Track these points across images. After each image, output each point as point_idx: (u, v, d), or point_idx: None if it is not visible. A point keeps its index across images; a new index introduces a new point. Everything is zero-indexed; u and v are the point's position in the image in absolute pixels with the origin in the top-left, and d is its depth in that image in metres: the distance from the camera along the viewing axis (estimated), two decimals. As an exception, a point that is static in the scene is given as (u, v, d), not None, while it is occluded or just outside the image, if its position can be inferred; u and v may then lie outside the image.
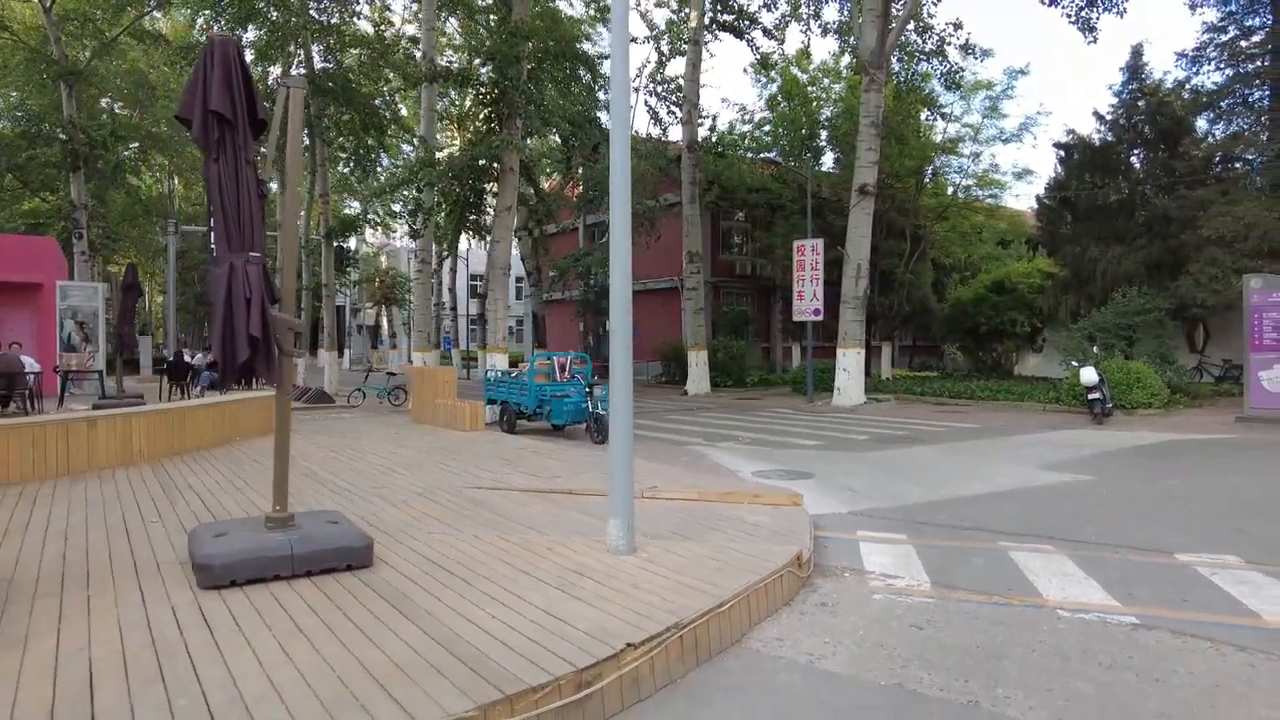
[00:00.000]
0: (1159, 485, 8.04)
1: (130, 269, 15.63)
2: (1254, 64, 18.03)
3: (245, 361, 4.16)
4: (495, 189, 14.86)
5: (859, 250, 17.64)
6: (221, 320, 4.13)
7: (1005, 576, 4.88)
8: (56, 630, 3.41)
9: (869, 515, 6.62)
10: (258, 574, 4.03)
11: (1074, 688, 3.30)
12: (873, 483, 8.13)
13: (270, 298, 4.29)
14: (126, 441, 8.25)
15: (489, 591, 3.91)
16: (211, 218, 4.24)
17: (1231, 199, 16.89)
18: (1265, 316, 13.51)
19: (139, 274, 17.36)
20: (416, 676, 2.90)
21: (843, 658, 3.64)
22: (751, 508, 6.01)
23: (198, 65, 4.23)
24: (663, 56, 25.02)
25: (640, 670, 3.18)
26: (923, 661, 3.58)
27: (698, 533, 5.16)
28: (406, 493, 6.58)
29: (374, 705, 2.68)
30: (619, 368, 4.77)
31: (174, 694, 2.78)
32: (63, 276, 21.40)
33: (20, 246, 19.40)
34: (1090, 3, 19.02)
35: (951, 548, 5.55)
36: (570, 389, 12.21)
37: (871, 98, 17.57)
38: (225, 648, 3.21)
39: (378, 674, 2.93)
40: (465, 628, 3.40)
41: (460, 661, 3.04)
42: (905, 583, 4.77)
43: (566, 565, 4.35)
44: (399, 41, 23.17)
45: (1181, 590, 4.57)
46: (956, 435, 12.28)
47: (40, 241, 21.30)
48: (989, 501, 7.20)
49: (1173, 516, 6.52)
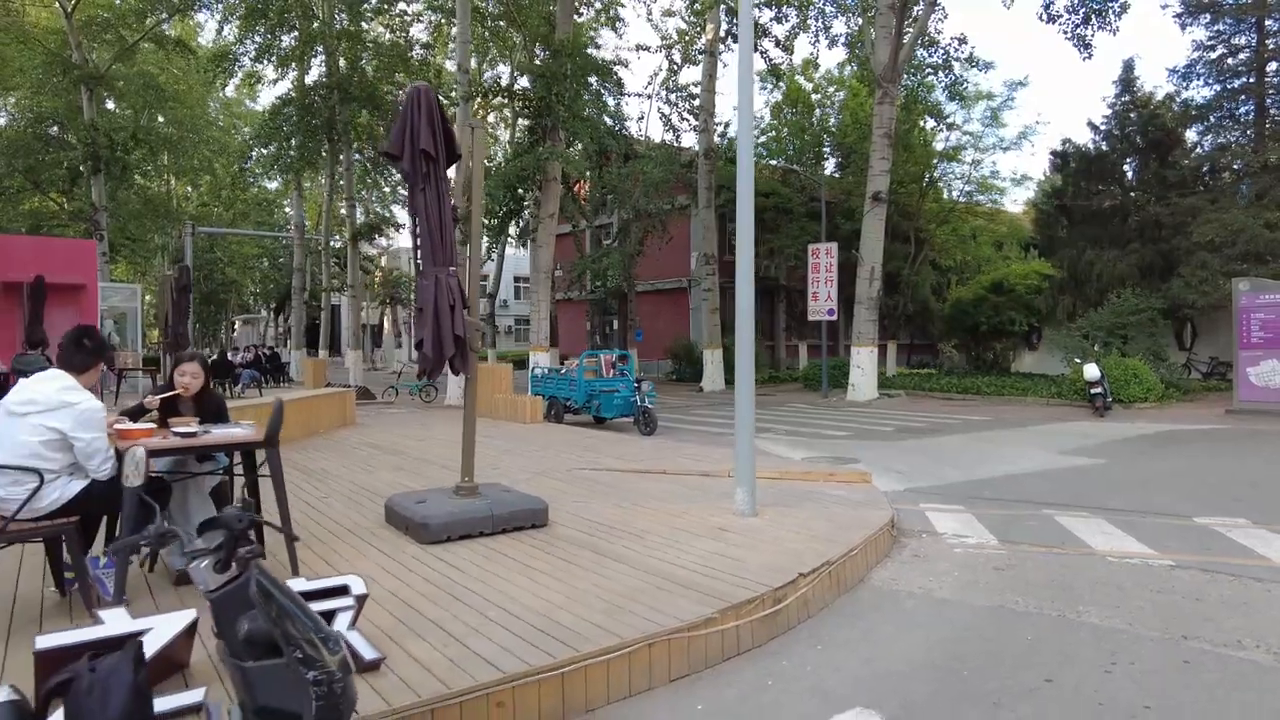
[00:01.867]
0: (1165, 467, 9.11)
1: (184, 270, 16.37)
2: (1241, 80, 19.25)
3: (449, 356, 5.07)
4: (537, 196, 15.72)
5: (872, 254, 18.67)
6: (432, 322, 5.03)
7: (1057, 534, 5.88)
8: (335, 572, 4.31)
9: (922, 492, 7.60)
10: (466, 531, 4.94)
11: (1134, 605, 4.29)
12: (914, 466, 9.12)
13: (463, 304, 5.20)
14: None
15: (660, 543, 4.85)
16: (418, 238, 5.15)
17: (1220, 207, 18.10)
18: (1253, 317, 14.67)
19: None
20: (654, 595, 3.84)
21: (948, 590, 4.61)
22: (829, 484, 6.98)
23: (405, 108, 5.13)
24: (674, 65, 26.00)
25: (807, 594, 4.13)
26: (1011, 590, 4.56)
27: (796, 502, 6.12)
28: (524, 473, 7.50)
29: (642, 610, 3.61)
30: (743, 363, 5.70)
31: (481, 609, 3.69)
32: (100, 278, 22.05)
33: (67, 249, 19.99)
34: (1085, 21, 20.14)
35: (1004, 515, 6.55)
36: (619, 384, 13.13)
37: (884, 110, 18.60)
38: (487, 580, 4.12)
39: (623, 593, 3.86)
40: (663, 566, 4.34)
41: (680, 585, 3.98)
42: (975, 540, 5.75)
43: (708, 524, 5.29)
44: (409, 47, 24.04)
45: (1204, 543, 5.59)
46: (973, 427, 13.32)
47: (83, 244, 21.90)
48: (1021, 480, 8.21)
49: (1183, 490, 7.57)
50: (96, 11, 26.62)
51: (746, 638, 3.69)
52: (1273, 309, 14.53)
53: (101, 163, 26.17)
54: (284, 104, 23.23)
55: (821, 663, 3.59)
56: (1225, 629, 3.93)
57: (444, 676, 2.92)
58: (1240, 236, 16.93)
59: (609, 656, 3.19)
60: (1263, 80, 18.89)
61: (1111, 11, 19.51)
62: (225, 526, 1.99)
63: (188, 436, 3.89)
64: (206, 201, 43.77)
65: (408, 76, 25.22)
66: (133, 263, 38.02)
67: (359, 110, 22.81)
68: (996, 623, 4.08)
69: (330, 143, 23.76)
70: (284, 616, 1.94)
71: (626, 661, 3.24)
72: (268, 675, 1.90)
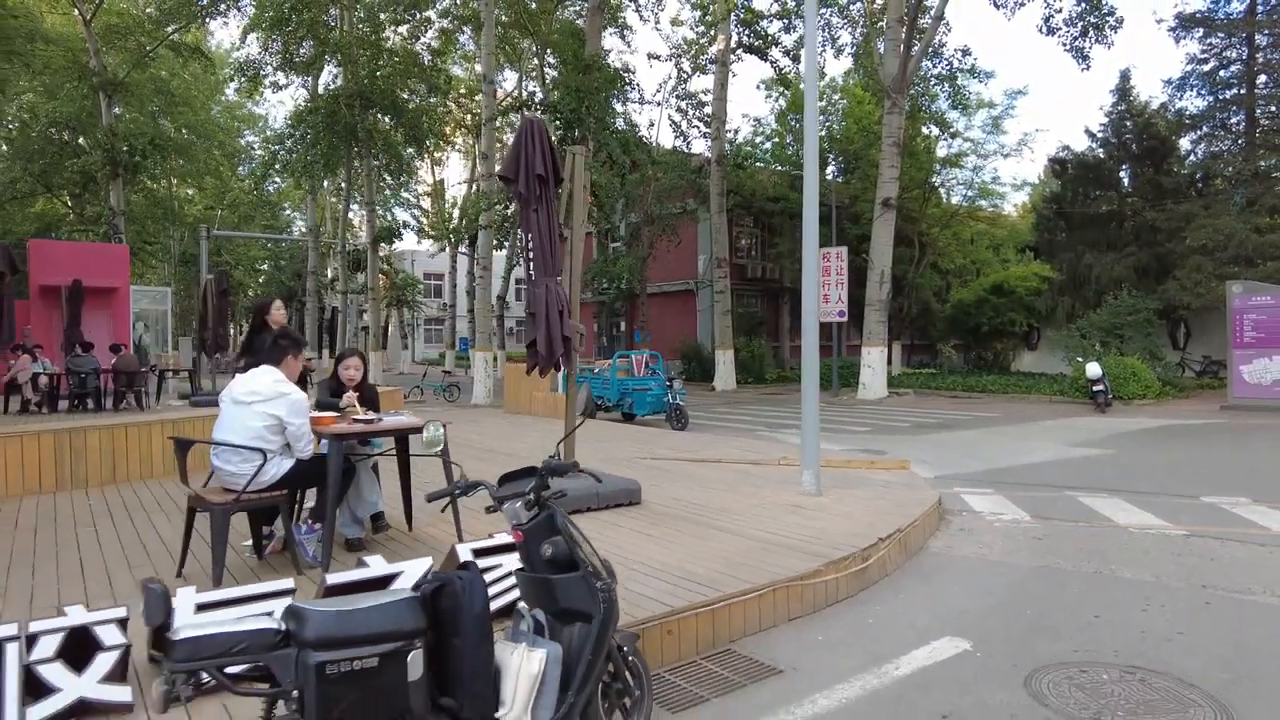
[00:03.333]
0: (1169, 456, 9.92)
1: (222, 275, 16.96)
2: (1232, 90, 20.18)
3: (559, 355, 5.79)
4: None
5: (882, 258, 19.48)
6: (544, 325, 5.75)
7: (1082, 511, 6.65)
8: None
9: (952, 478, 8.35)
10: (575, 506, 5.64)
11: (1158, 564, 5.05)
12: (938, 457, 9.89)
13: (567, 310, 5.92)
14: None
15: (748, 517, 5.57)
16: (531, 251, 5.87)
17: (1212, 213, 19.00)
18: (1246, 318, 15.55)
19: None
20: (763, 554, 4.56)
21: (998, 554, 5.36)
22: (872, 471, 7.73)
23: (519, 138, 5.84)
24: (684, 73, 26.75)
25: (885, 556, 4.87)
26: (1052, 555, 5.32)
27: (851, 485, 6.86)
28: (592, 460, 8.20)
29: (757, 565, 4.34)
30: (809, 368, 6.44)
31: (623, 563, 4.40)
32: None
33: (101, 253, 20.59)
34: (1083, 34, 21.04)
35: (1032, 496, 7.32)
36: (651, 383, 13.86)
37: (893, 120, 19.41)
38: (615, 544, 4.83)
39: (736, 553, 4.59)
40: (760, 534, 5.07)
41: (782, 547, 4.71)
42: (1011, 517, 6.51)
43: (782, 502, 6.02)
44: (421, 55, 24.66)
45: (1212, 517, 6.37)
46: (984, 423, 14.11)
47: (116, 249, 22.48)
48: (1040, 468, 8.99)
49: (1189, 475, 8.36)
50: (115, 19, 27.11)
51: (843, 588, 4.43)
52: (1264, 310, 15.41)
53: (120, 168, 26.67)
54: (308, 110, 23.84)
55: (907, 606, 4.33)
56: (1237, 580, 4.70)
57: (624, 610, 3.64)
58: (1231, 241, 17.82)
59: (745, 597, 3.92)
60: (1253, 92, 19.82)
61: (1108, 25, 20.43)
62: (537, 476, 2.72)
63: (371, 423, 4.60)
64: (212, 204, 44.15)
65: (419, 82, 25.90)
66: (149, 265, 38.39)
67: (379, 117, 23.43)
68: (1044, 578, 4.83)
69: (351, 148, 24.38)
70: (575, 543, 2.68)
71: (758, 602, 3.97)
72: (567, 585, 2.62)
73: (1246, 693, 3.21)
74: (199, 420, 8.03)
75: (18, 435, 6.64)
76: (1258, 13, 19.56)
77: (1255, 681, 3.32)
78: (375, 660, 2.17)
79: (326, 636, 2.11)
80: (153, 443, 7.49)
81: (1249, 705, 3.10)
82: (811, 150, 6.67)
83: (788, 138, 30.98)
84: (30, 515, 5.82)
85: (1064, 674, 3.40)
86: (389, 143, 25.60)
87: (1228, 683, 3.29)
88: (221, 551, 3.97)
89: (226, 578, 4.02)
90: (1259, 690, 3.24)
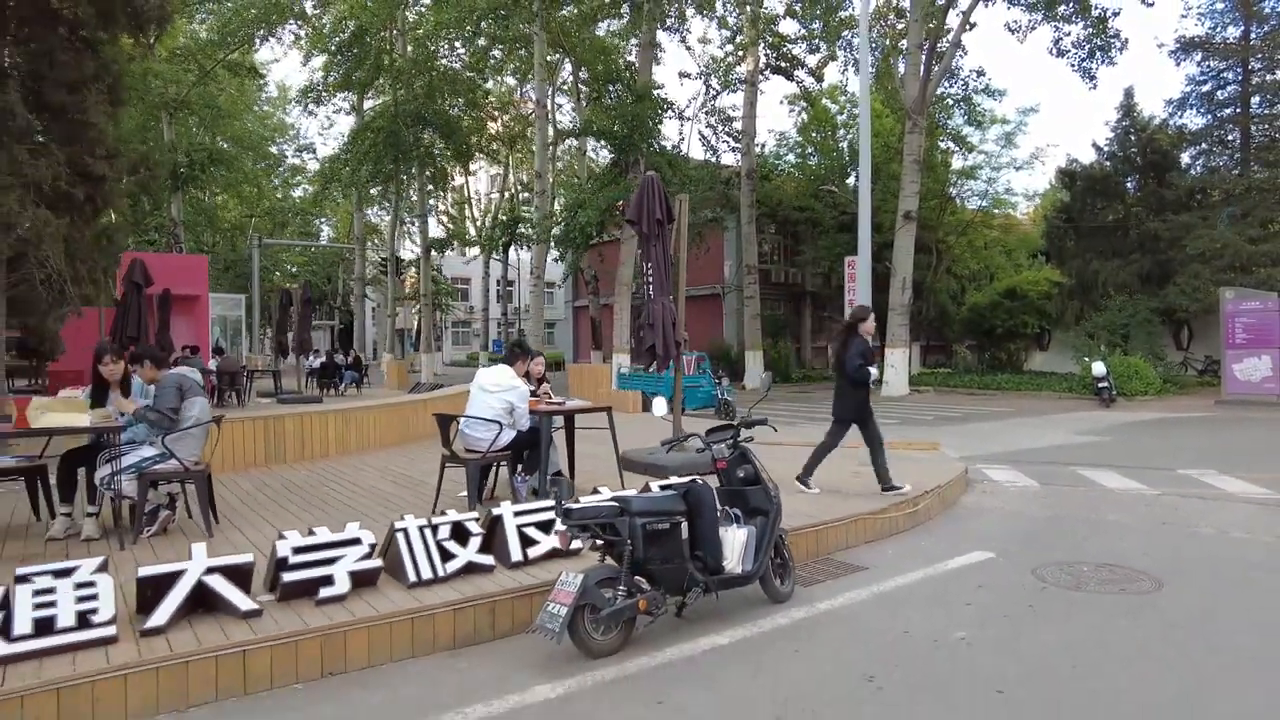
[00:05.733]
0: (1160, 442, 11.59)
1: (306, 285, 18.86)
2: (1228, 110, 21.75)
3: (671, 356, 7.56)
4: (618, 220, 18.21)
5: (904, 265, 21.17)
6: (661, 333, 7.52)
7: (1080, 480, 8.36)
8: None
9: (974, 458, 10.04)
10: (691, 473, 7.39)
11: (1135, 511, 6.77)
12: (961, 443, 11.58)
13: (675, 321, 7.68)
14: (375, 429, 10.15)
15: (824, 479, 7.30)
16: (650, 275, 7.63)
17: (1210, 224, 20.57)
18: (1237, 321, 17.15)
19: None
20: (843, 500, 6.31)
21: (1014, 507, 7.09)
22: (909, 451, 9.45)
23: (642, 190, 7.61)
24: (713, 91, 28.51)
25: (929, 505, 6.61)
26: (1058, 507, 7.03)
27: (895, 460, 8.51)
28: (678, 444, 9.95)
29: (840, 505, 6.08)
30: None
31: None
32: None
33: (185, 263, 22.59)
34: (1090, 55, 22.67)
35: (1040, 469, 9.02)
36: (701, 380, 15.63)
37: (914, 139, 21.10)
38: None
39: (827, 500, 6.33)
40: (837, 489, 6.80)
41: (856, 496, 6.46)
42: (1023, 484, 8.23)
43: (847, 471, 7.75)
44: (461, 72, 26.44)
45: (1183, 483, 8.07)
46: (999, 416, 15.79)
47: (197, 259, 24.49)
48: (1049, 451, 10.69)
49: (1172, 455, 10.04)
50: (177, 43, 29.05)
51: (901, 524, 6.17)
52: (1254, 314, 17.01)
53: (180, 181, 28.62)
54: (366, 128, 25.76)
55: (947, 535, 6.07)
56: (1188, 520, 6.42)
57: (759, 529, 5.39)
58: (1226, 250, 19.40)
59: (836, 524, 5.68)
60: (1247, 111, 21.39)
61: (1114, 47, 22.06)
62: (735, 428, 4.49)
63: (561, 404, 6.39)
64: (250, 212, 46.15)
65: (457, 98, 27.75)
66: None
67: (435, 135, 25.29)
68: (1052, 521, 6.56)
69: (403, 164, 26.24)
70: (759, 469, 4.45)
71: (845, 528, 5.72)
72: (755, 493, 4.39)
73: (1173, 575, 4.93)
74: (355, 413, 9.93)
75: (238, 421, 8.48)
76: (1252, 38, 21.13)
77: (1181, 572, 5.05)
78: (666, 524, 3.95)
79: (643, 510, 3.88)
80: (327, 428, 9.29)
81: (1172, 579, 4.83)
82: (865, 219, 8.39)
83: (808, 149, 32.72)
84: (255, 482, 7.63)
85: (1057, 567, 5.13)
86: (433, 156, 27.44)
87: (1164, 571, 5.02)
88: (474, 489, 5.76)
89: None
90: (1182, 574, 4.97)
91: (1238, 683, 3.44)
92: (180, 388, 5.19)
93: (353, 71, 25.39)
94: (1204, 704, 3.24)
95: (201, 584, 3.63)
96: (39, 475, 5.59)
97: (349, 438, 9.30)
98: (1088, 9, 21.30)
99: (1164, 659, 3.68)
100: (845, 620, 4.27)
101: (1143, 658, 3.69)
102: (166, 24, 12.68)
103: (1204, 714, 3.17)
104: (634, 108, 16.79)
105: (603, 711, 3.21)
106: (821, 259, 28.69)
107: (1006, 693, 3.32)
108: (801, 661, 3.70)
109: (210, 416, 5.47)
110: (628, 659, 3.67)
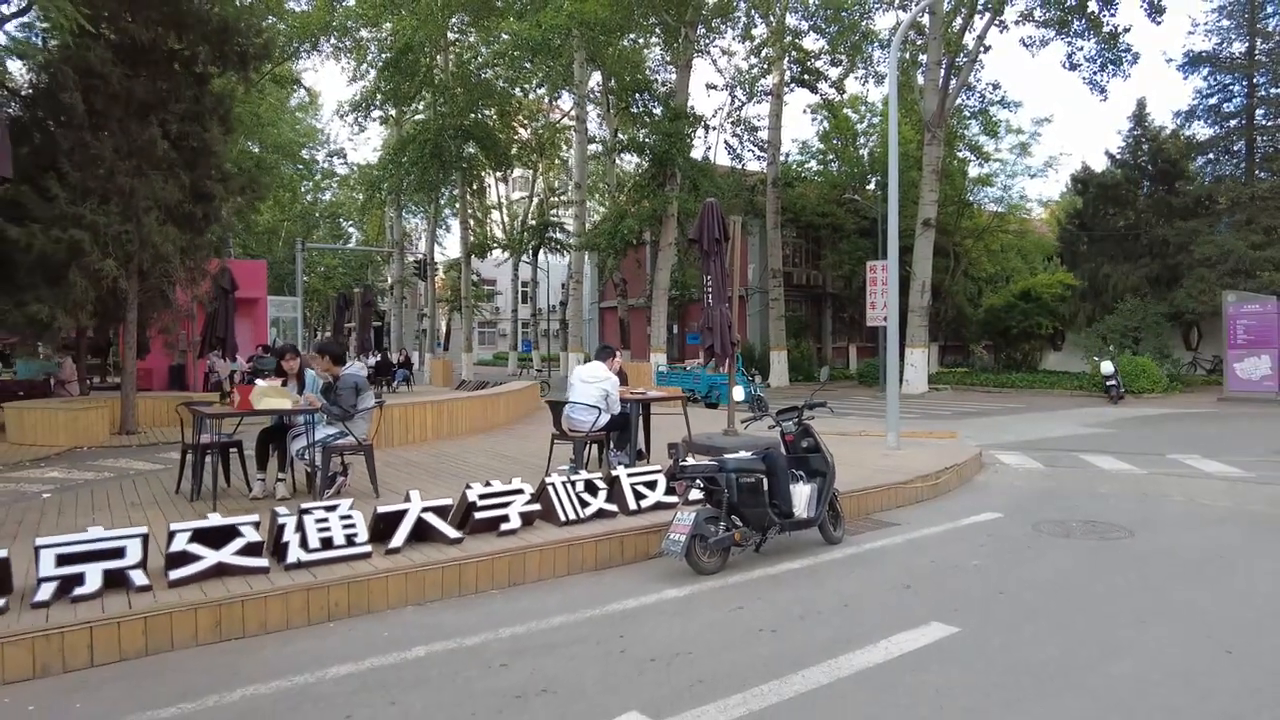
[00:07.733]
0: (1160, 434, 12.80)
1: (367, 289, 20.39)
2: (1234, 122, 22.79)
3: (729, 354, 8.92)
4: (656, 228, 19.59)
5: (923, 270, 22.39)
6: (720, 334, 8.88)
7: (1081, 464, 9.63)
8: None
9: (988, 445, 11.30)
10: (743, 453, 8.74)
11: (1123, 485, 8.05)
12: (977, 433, 12.84)
13: (731, 325, 9.03)
14: (463, 418, 11.71)
15: (857, 460, 8.63)
16: (710, 286, 8.99)
17: (1214, 230, 21.63)
18: (1238, 323, 18.25)
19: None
20: (879, 474, 7.63)
21: (1023, 484, 8.38)
22: (930, 439, 10.75)
23: (703, 215, 8.97)
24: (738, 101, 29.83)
25: (949, 480, 7.92)
26: (1058, 483, 8.32)
27: (918, 446, 9.88)
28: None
29: (878, 477, 7.41)
30: (892, 361, 9.48)
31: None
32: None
33: (247, 268, 24.20)
34: (1101, 69, 23.78)
35: (1047, 454, 10.29)
36: (739, 378, 16.90)
37: (933, 150, 22.31)
38: (781, 470, 7.91)
39: (864, 474, 7.65)
40: (871, 467, 8.13)
41: (887, 471, 7.78)
42: (1031, 466, 9.51)
43: (876, 454, 9.07)
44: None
45: (1168, 465, 9.33)
46: (1013, 411, 17.00)
47: (255, 264, 26.13)
48: (1056, 440, 11.93)
49: (1167, 444, 11.28)
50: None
51: (925, 494, 7.49)
52: (1254, 316, 18.10)
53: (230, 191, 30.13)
54: (411, 140, 27.28)
55: (964, 502, 7.39)
56: (1165, 492, 7.70)
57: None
58: (1230, 255, 20.47)
59: (874, 491, 7.02)
60: (1252, 123, 22.42)
61: (1124, 61, 23.17)
62: (801, 408, 5.85)
63: (643, 394, 7.76)
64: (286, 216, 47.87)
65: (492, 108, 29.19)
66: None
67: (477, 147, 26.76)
68: (1051, 492, 7.86)
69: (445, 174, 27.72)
70: (819, 441, 5.81)
71: (880, 495, 7.06)
72: (816, 459, 5.75)
73: (1144, 528, 6.24)
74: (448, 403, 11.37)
75: (403, 406, 9.96)
76: (1256, 54, 22.17)
77: (1151, 527, 6.34)
78: (754, 479, 5.31)
79: (735, 468, 5.24)
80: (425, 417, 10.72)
81: (1142, 530, 6.14)
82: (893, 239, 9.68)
83: (829, 156, 33.95)
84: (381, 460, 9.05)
85: (1053, 522, 6.45)
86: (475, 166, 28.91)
87: (1137, 525, 6.32)
88: (580, 458, 7.16)
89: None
90: (1152, 528, 6.27)
91: (1189, 585, 4.76)
92: (357, 387, 6.61)
93: (401, 85, 26.89)
94: (1164, 597, 4.56)
95: (420, 519, 5.03)
96: (237, 448, 7.05)
97: (443, 425, 10.76)
98: (1099, 25, 22.43)
99: (1130, 574, 5.00)
100: (885, 554, 5.62)
101: (1113, 573, 5.02)
102: (266, 60, 14.21)
103: (1164, 602, 4.48)
104: (671, 125, 18.16)
105: (719, 602, 4.57)
106: (843, 262, 29.91)
107: (1007, 593, 4.66)
108: (854, 578, 5.05)
109: (373, 403, 6.90)
110: (728, 576, 5.04)
